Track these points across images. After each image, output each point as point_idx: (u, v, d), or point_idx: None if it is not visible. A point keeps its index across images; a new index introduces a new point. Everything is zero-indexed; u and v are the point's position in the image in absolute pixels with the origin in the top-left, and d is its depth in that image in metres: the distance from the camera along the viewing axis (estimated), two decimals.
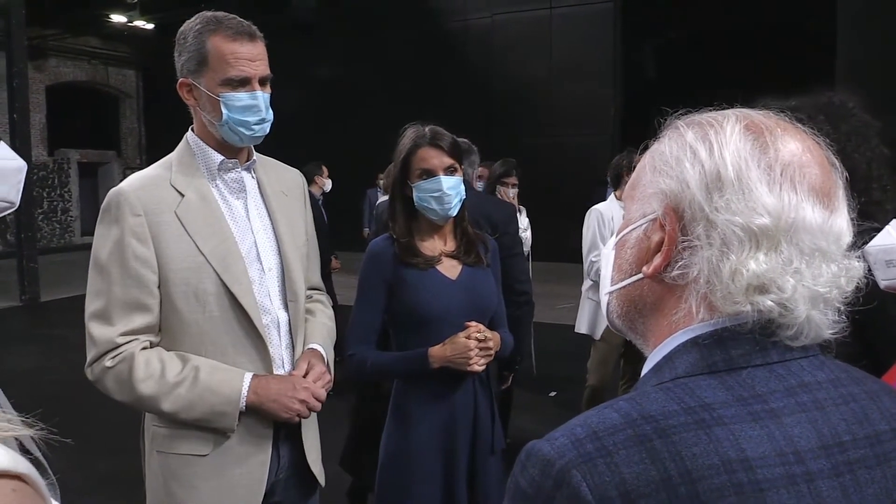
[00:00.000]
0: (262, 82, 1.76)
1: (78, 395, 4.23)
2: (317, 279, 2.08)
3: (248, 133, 1.75)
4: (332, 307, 2.14)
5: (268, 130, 1.79)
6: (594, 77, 13.71)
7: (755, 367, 0.69)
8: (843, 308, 0.72)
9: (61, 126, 18.73)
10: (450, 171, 2.12)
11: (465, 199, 2.18)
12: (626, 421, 0.66)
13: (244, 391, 1.71)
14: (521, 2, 14.46)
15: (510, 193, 4.55)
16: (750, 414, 0.66)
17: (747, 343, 0.70)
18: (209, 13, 1.74)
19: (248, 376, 1.73)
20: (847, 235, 0.72)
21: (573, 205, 11.87)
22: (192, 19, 1.74)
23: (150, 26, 18.03)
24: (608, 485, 0.62)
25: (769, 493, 0.63)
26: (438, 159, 2.11)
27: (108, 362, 1.68)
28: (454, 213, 2.15)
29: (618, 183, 4.08)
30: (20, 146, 10.07)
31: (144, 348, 1.71)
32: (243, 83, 1.72)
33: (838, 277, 0.70)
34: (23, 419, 0.67)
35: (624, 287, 0.80)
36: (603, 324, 4.11)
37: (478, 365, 2.06)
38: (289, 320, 1.86)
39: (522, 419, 4.73)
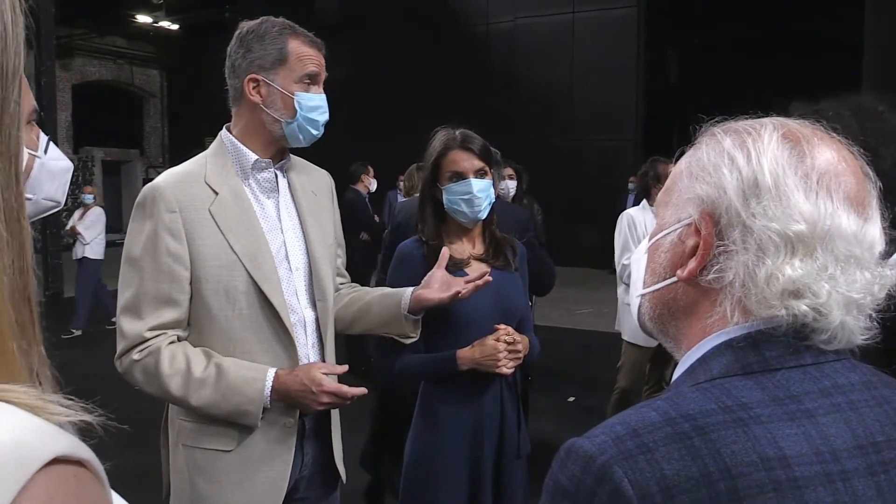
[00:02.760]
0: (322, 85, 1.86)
1: (101, 389, 4.25)
2: (342, 274, 2.11)
3: (314, 133, 1.83)
4: None
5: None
6: (617, 81, 13.58)
7: (789, 369, 0.71)
8: (873, 314, 0.73)
9: (86, 124, 18.95)
10: (480, 173, 2.13)
11: (494, 203, 2.19)
12: (665, 419, 0.67)
13: (267, 391, 1.72)
14: (543, 6, 14.36)
15: (510, 185, 4.45)
16: (786, 413, 0.68)
17: (781, 346, 0.71)
18: (278, 19, 1.82)
19: (270, 374, 1.73)
20: (880, 244, 0.73)
21: (595, 210, 11.82)
22: (261, 22, 1.80)
23: (175, 27, 18.24)
24: (649, 481, 0.64)
25: (807, 490, 0.64)
26: (469, 162, 2.12)
27: (135, 355, 1.70)
28: (484, 216, 2.16)
29: (647, 194, 4.10)
30: None
31: (171, 343, 1.73)
32: (314, 80, 1.81)
33: (871, 284, 0.71)
34: (83, 405, 0.69)
35: (657, 290, 0.82)
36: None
37: (506, 367, 2.06)
38: (316, 319, 1.88)
39: (542, 424, 4.70)
